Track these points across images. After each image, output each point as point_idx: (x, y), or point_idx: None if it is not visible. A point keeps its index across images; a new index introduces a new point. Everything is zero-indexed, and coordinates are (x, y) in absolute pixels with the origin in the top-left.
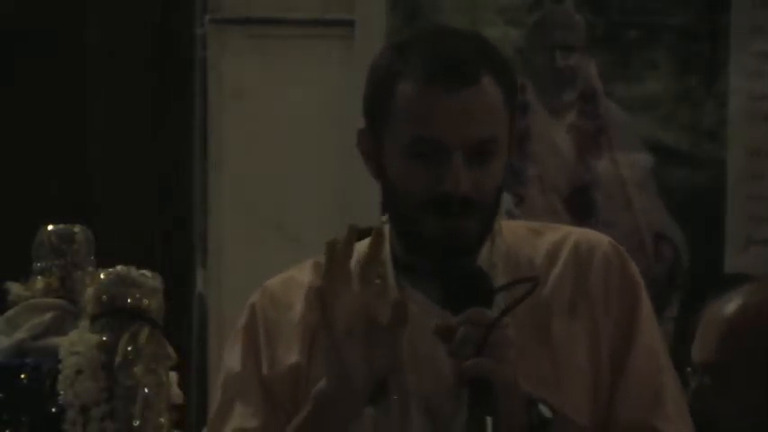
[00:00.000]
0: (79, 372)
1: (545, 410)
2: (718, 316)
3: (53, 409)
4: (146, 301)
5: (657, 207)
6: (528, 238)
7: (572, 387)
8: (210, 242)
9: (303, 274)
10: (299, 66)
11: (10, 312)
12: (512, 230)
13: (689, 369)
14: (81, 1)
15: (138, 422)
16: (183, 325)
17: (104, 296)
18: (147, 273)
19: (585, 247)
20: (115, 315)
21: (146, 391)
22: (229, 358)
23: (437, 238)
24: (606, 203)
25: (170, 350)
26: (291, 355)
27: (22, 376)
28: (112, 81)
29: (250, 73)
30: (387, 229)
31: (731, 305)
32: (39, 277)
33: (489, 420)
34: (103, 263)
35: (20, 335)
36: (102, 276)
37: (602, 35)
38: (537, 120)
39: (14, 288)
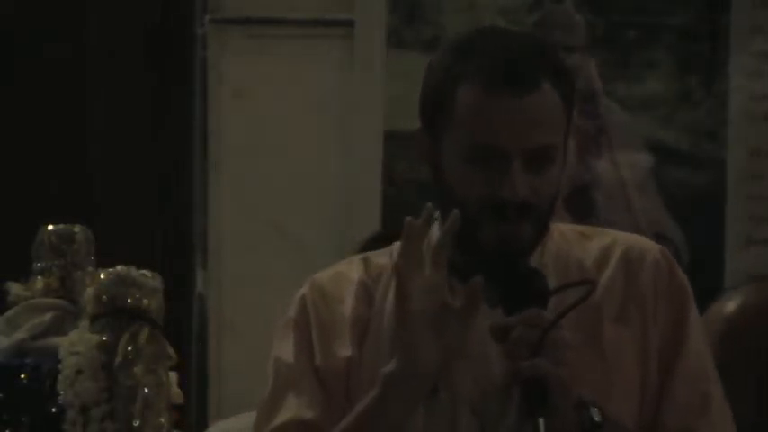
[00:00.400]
0: (79, 372)
1: (596, 413)
2: (718, 316)
3: (53, 409)
4: (146, 301)
5: (657, 207)
6: (578, 241)
7: (620, 392)
8: (210, 242)
9: (352, 270)
10: (299, 66)
11: (10, 312)
12: (561, 233)
13: None
14: (81, 1)
15: (138, 422)
16: (183, 325)
17: (104, 296)
18: (147, 273)
19: (635, 253)
20: (115, 315)
21: (146, 391)
22: (281, 349)
23: (492, 243)
24: (606, 203)
25: (170, 350)
26: (344, 349)
27: (22, 376)
28: (112, 81)
29: (250, 73)
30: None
31: (731, 305)
32: (39, 277)
33: (542, 422)
34: (103, 263)
35: (20, 335)
36: (102, 276)
37: (602, 35)
38: None
39: (14, 288)
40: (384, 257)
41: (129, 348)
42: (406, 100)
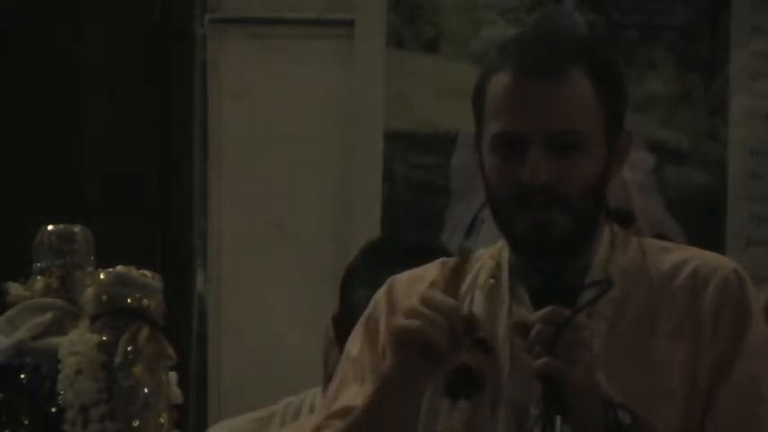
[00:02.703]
0: (79, 372)
1: (624, 415)
2: None
3: (53, 409)
4: (146, 301)
5: (658, 207)
6: (655, 255)
7: (665, 409)
8: (210, 242)
9: (429, 271)
10: (299, 66)
11: (10, 312)
12: (641, 247)
13: None
14: (81, 1)
15: (137, 422)
16: (183, 325)
17: (104, 296)
18: (147, 273)
19: (705, 272)
20: (115, 315)
21: (146, 391)
22: (350, 345)
23: (526, 233)
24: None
25: (170, 350)
26: None
27: (22, 376)
28: (112, 81)
29: (250, 73)
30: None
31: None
32: (39, 277)
33: (558, 419)
34: (103, 263)
35: (20, 335)
36: (102, 276)
37: (602, 35)
38: None
39: (14, 288)
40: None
41: (129, 348)
42: (405, 100)
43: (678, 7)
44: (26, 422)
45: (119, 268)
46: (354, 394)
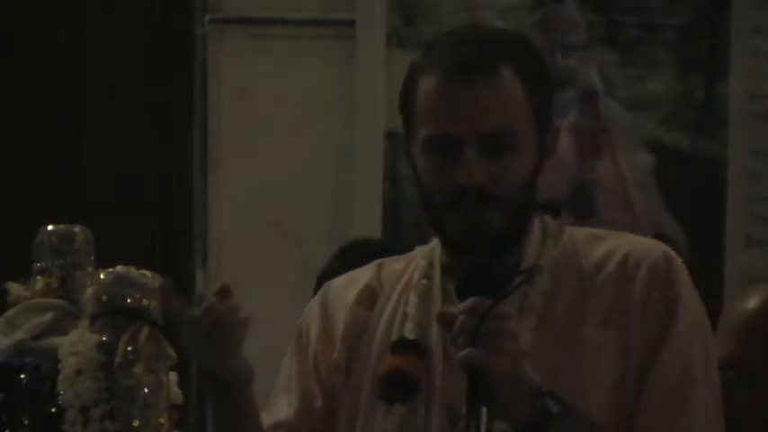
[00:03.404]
0: (79, 372)
1: (553, 404)
2: (740, 313)
3: (53, 409)
4: (146, 301)
5: (657, 207)
6: (587, 245)
7: (597, 398)
8: (210, 242)
9: (364, 274)
10: (299, 66)
11: (10, 312)
12: (572, 237)
13: None
14: (81, 1)
15: (137, 422)
16: None
17: (104, 296)
18: (147, 273)
19: (635, 259)
20: (115, 315)
21: (146, 391)
22: (287, 355)
23: (461, 235)
24: (606, 203)
25: (170, 350)
26: (335, 352)
27: (22, 376)
28: (112, 81)
29: (250, 73)
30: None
31: (752, 302)
32: (39, 277)
33: (484, 410)
34: (103, 263)
35: (20, 335)
36: (102, 276)
37: (602, 35)
38: None
39: (14, 288)
40: (400, 263)
41: (129, 348)
42: None
43: (678, 7)
44: (26, 422)
45: (119, 268)
46: (280, 405)
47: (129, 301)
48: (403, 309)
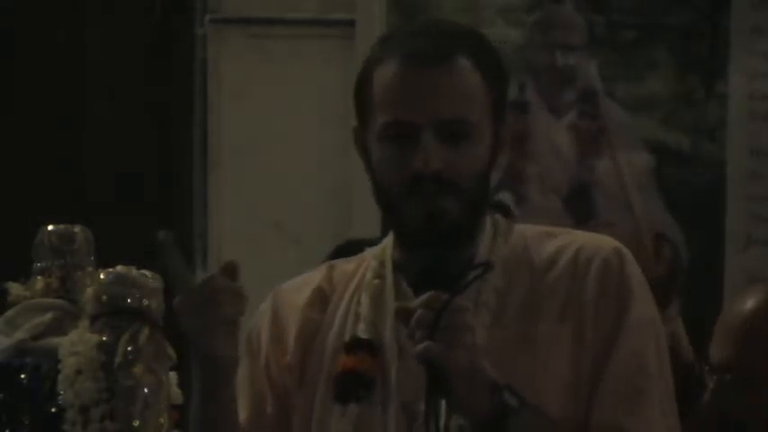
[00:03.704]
0: (79, 372)
1: (510, 398)
2: (737, 314)
3: (53, 409)
4: (146, 301)
5: (657, 207)
6: (538, 241)
7: (552, 391)
8: (210, 242)
9: (315, 276)
10: (299, 66)
11: (10, 312)
12: (523, 233)
13: (707, 368)
14: (81, 1)
15: (137, 422)
16: None
17: (104, 296)
18: (147, 273)
19: (586, 254)
20: (115, 315)
21: (146, 391)
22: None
23: (418, 222)
24: (606, 203)
25: (170, 350)
26: (288, 355)
27: (22, 376)
28: (112, 81)
29: (250, 73)
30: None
31: (750, 303)
32: (39, 277)
33: (443, 403)
34: (103, 263)
35: (20, 335)
36: (102, 276)
37: (602, 35)
38: (537, 119)
39: (14, 288)
40: (351, 264)
41: (129, 348)
42: None
43: (678, 7)
44: (26, 422)
45: (119, 268)
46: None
47: (129, 301)
48: (355, 309)
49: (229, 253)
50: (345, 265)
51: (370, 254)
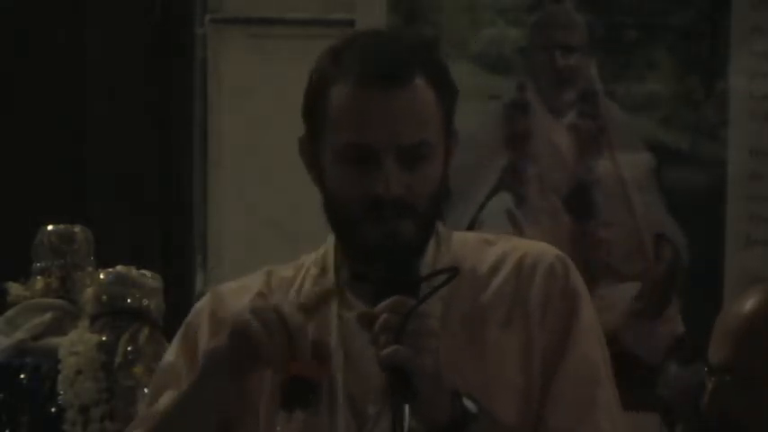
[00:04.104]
0: (79, 372)
1: (470, 405)
2: (736, 316)
3: (53, 409)
4: (146, 301)
5: (657, 207)
6: (477, 248)
7: (501, 394)
8: (210, 242)
9: (254, 281)
10: (299, 66)
11: (10, 312)
12: (461, 241)
13: (705, 369)
14: (81, 1)
15: None
16: None
17: (104, 296)
18: (147, 273)
19: (530, 261)
20: (115, 315)
21: (146, 391)
22: (167, 353)
23: (375, 244)
24: (606, 203)
25: None
26: None
27: (22, 376)
28: (112, 81)
29: (250, 73)
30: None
31: (749, 304)
32: (39, 277)
33: (407, 408)
34: (103, 263)
35: (20, 335)
36: (102, 276)
37: (602, 35)
38: (537, 120)
39: (14, 288)
40: (289, 270)
41: (129, 348)
42: None
43: (678, 7)
44: (26, 422)
45: (119, 268)
46: (169, 400)
47: (129, 301)
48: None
49: (229, 253)
50: (284, 272)
51: (308, 260)
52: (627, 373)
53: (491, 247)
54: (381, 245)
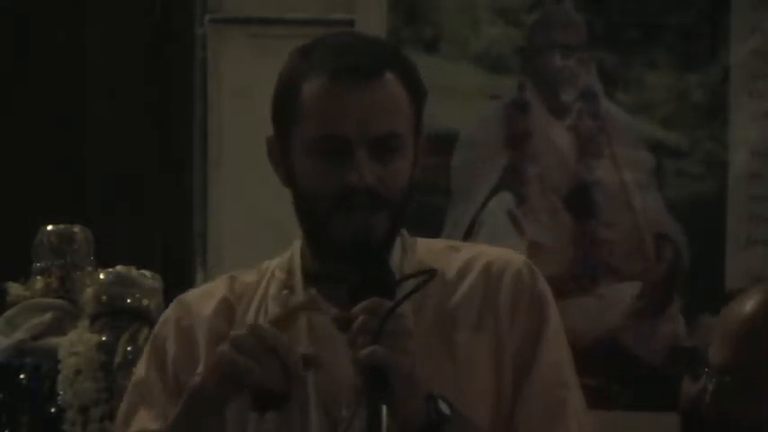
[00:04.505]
0: (79, 372)
1: (444, 407)
2: (737, 316)
3: (53, 409)
4: (146, 301)
5: (658, 207)
6: (443, 253)
7: (472, 398)
8: (210, 242)
9: (218, 287)
10: None
11: (10, 312)
12: (427, 247)
13: (705, 370)
14: (81, 1)
15: None
16: None
17: (104, 296)
18: (147, 273)
19: (497, 266)
20: (115, 315)
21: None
22: (138, 367)
23: (347, 237)
24: (606, 203)
25: None
26: (198, 363)
27: (22, 376)
28: (112, 81)
29: (250, 73)
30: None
31: (749, 304)
32: (38, 277)
33: (384, 409)
34: (103, 263)
35: (20, 335)
36: (101, 276)
37: (602, 35)
38: (537, 120)
39: (14, 288)
40: (251, 276)
41: (129, 348)
42: None
43: (678, 7)
44: (26, 422)
45: (119, 268)
46: (144, 417)
47: (129, 301)
48: (263, 320)
49: (229, 253)
50: (247, 277)
51: (272, 265)
52: (627, 373)
53: (457, 252)
54: (353, 241)
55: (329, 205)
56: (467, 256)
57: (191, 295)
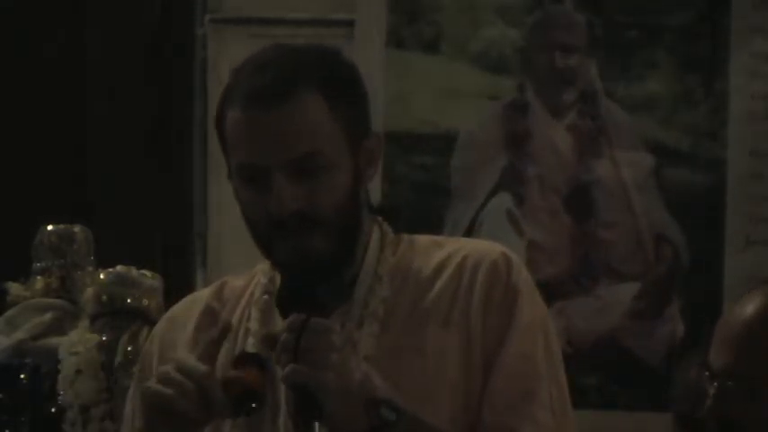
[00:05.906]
0: (79, 372)
1: (388, 413)
2: (738, 319)
3: (53, 409)
4: (146, 301)
5: (657, 207)
6: (426, 250)
7: (444, 397)
8: (210, 242)
9: (204, 294)
10: None
11: (10, 312)
12: (411, 244)
13: (706, 374)
14: (81, 1)
15: None
16: None
17: (104, 296)
18: (147, 273)
19: (473, 261)
20: (115, 315)
21: None
22: (128, 396)
23: (288, 261)
24: (606, 203)
25: None
26: None
27: (22, 376)
28: (113, 81)
29: None
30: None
31: (750, 307)
32: (39, 277)
33: (317, 426)
34: (103, 263)
35: (20, 335)
36: (102, 276)
37: (602, 35)
38: (537, 120)
39: (14, 288)
40: (242, 280)
41: (129, 348)
42: (405, 100)
43: (678, 7)
44: (26, 422)
45: (119, 268)
46: None
47: (129, 301)
48: (245, 325)
49: (229, 253)
50: (236, 282)
51: (260, 269)
52: (626, 373)
53: (439, 249)
54: (290, 261)
55: (266, 231)
56: (446, 253)
57: (177, 308)
